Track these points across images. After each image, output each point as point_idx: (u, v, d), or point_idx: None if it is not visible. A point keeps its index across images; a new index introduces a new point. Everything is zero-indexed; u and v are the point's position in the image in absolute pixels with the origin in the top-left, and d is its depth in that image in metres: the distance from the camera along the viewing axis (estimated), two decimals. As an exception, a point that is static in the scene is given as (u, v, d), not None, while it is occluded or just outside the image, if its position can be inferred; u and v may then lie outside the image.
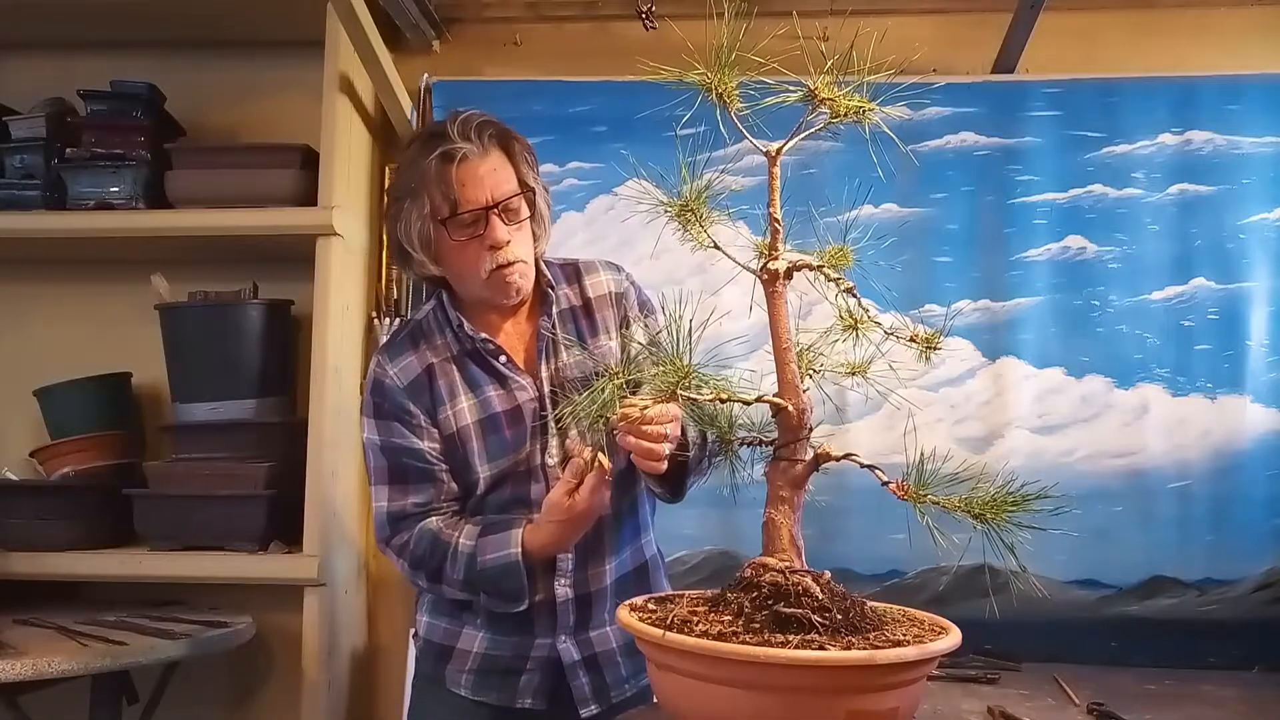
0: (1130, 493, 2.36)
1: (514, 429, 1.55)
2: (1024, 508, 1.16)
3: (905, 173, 2.32)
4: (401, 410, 1.56)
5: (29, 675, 1.77)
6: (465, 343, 1.58)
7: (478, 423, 1.55)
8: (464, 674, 1.59)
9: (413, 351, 1.59)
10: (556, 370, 1.58)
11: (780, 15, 1.40)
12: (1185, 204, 2.42)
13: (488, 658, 1.57)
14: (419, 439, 1.55)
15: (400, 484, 1.56)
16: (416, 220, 1.51)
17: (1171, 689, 2.00)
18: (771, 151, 1.27)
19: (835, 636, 1.09)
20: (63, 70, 2.59)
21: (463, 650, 1.59)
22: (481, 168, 1.49)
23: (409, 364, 1.58)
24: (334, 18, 2.28)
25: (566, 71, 2.57)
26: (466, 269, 1.53)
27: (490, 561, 1.47)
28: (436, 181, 1.48)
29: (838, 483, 2.15)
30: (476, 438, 1.55)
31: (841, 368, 1.39)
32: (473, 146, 1.49)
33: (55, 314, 2.65)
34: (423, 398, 1.56)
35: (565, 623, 1.56)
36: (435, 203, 1.49)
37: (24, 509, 2.28)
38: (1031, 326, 2.43)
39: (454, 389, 1.57)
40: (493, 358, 1.57)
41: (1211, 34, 2.54)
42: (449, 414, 1.56)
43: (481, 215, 1.49)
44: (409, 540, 1.54)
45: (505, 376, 1.57)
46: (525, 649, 1.56)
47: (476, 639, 1.58)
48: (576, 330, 1.62)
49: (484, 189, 1.48)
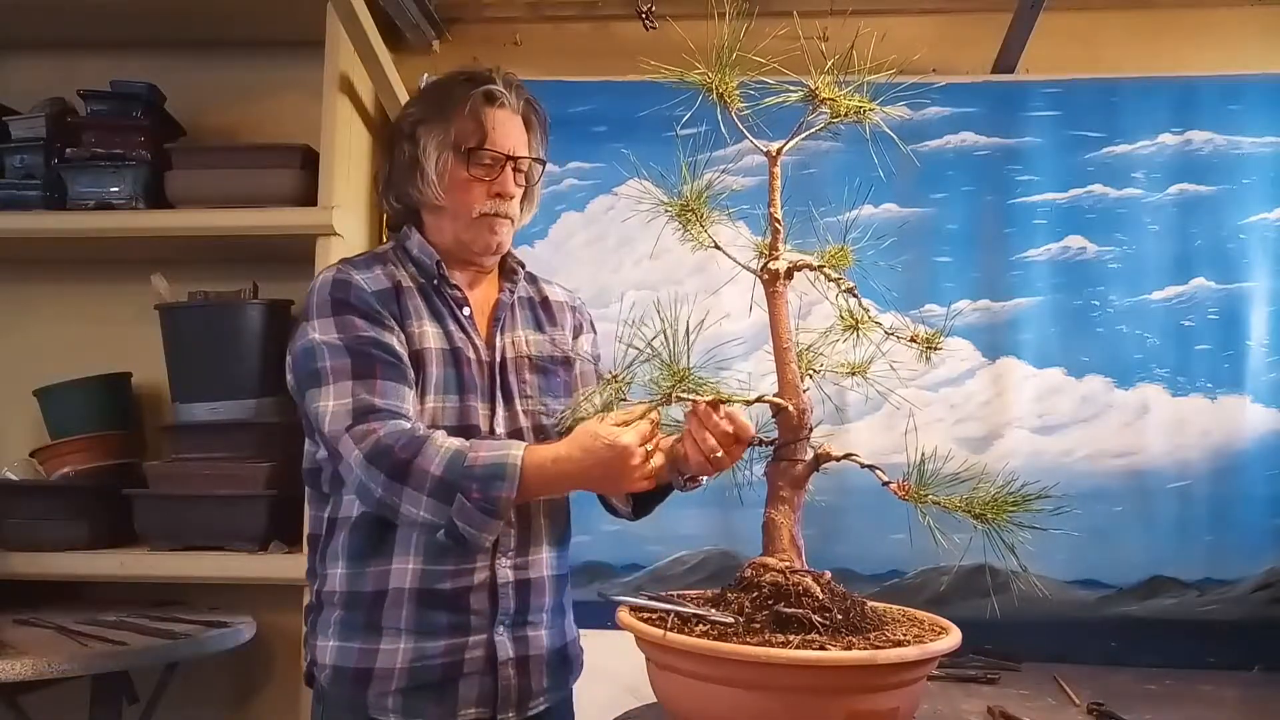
0: (1130, 493, 2.36)
1: (468, 372, 1.49)
2: (1024, 508, 1.16)
3: (905, 173, 2.31)
4: (370, 308, 1.44)
5: (29, 675, 1.77)
6: (430, 279, 1.53)
7: (439, 351, 1.48)
8: (390, 696, 1.40)
9: (379, 267, 1.51)
10: (512, 343, 1.55)
11: (781, 15, 1.40)
12: (1185, 204, 2.42)
13: (415, 671, 1.40)
14: (389, 337, 1.43)
15: (367, 379, 1.38)
16: (437, 146, 1.51)
17: (1171, 689, 2.01)
18: (772, 151, 1.28)
19: (836, 636, 1.09)
20: (63, 70, 2.59)
21: (384, 669, 1.40)
22: (510, 121, 1.54)
23: (376, 275, 1.49)
24: (334, 18, 2.28)
25: (566, 71, 2.57)
26: (464, 204, 1.52)
27: (483, 459, 1.32)
28: (472, 114, 1.50)
29: (838, 483, 2.15)
30: (436, 364, 1.46)
31: (841, 368, 1.39)
32: (511, 99, 1.54)
33: (55, 314, 2.65)
34: (390, 306, 1.46)
35: (505, 609, 1.45)
36: (463, 133, 1.50)
37: (24, 509, 2.29)
38: (1031, 326, 2.43)
39: (419, 311, 1.49)
40: (457, 306, 1.53)
41: (1211, 34, 2.54)
42: (415, 330, 1.47)
43: (500, 161, 1.52)
44: (377, 429, 1.34)
45: (465, 327, 1.52)
46: (459, 651, 1.42)
47: (398, 653, 1.41)
48: (534, 318, 1.62)
49: (509, 140, 1.53)
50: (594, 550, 2.34)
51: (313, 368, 1.42)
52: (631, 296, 2.45)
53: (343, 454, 1.37)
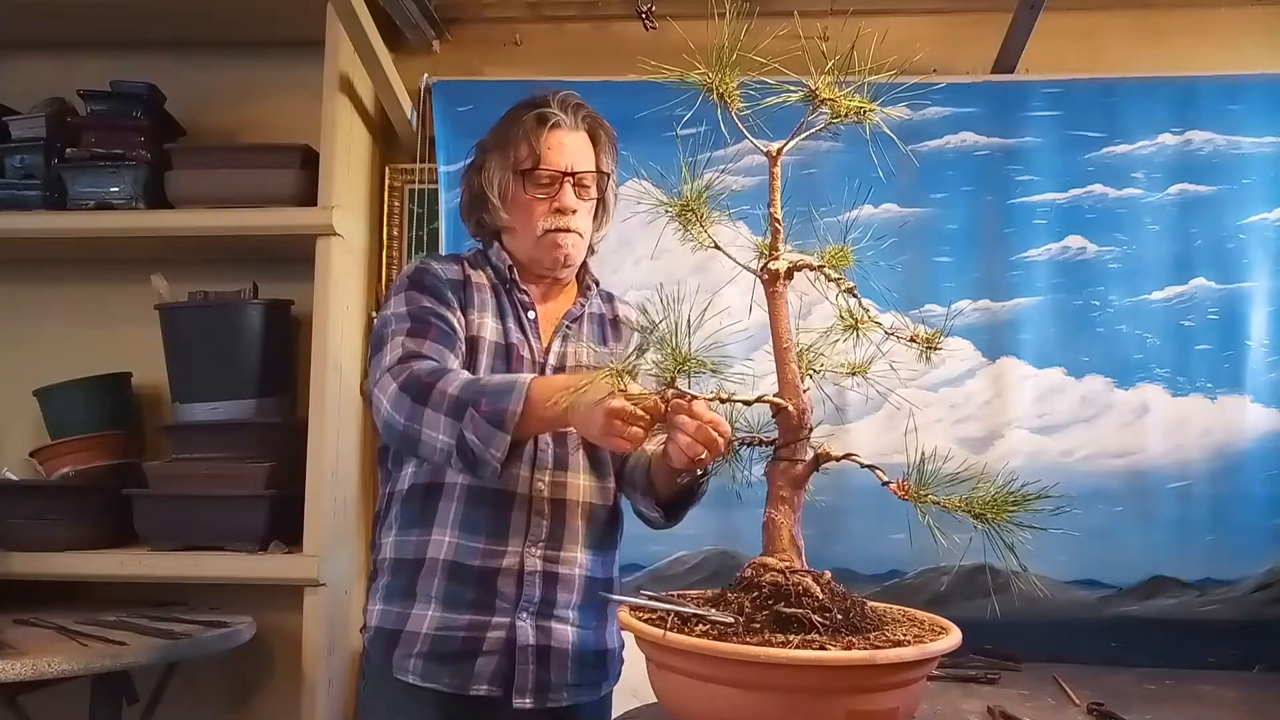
0: (1130, 493, 2.36)
1: (519, 369, 1.58)
2: (1024, 508, 1.16)
3: (905, 173, 2.32)
4: (441, 289, 1.58)
5: (29, 675, 1.76)
6: (503, 282, 1.65)
7: (493, 343, 1.59)
8: (412, 658, 1.51)
9: (456, 264, 1.65)
10: (574, 352, 1.64)
11: (781, 15, 1.40)
12: (1185, 204, 2.42)
13: (439, 639, 1.50)
14: (450, 313, 1.56)
15: (419, 336, 1.52)
16: (499, 170, 1.62)
17: (1171, 689, 2.00)
18: (772, 151, 1.28)
19: (835, 636, 1.09)
20: (63, 70, 2.59)
21: (411, 632, 1.52)
22: (568, 139, 1.62)
23: (452, 267, 1.64)
24: (334, 18, 2.28)
25: (566, 71, 2.56)
26: (528, 223, 1.61)
27: (496, 380, 1.43)
28: (526, 137, 1.60)
29: (838, 483, 2.15)
30: (487, 354, 1.57)
31: (841, 368, 1.39)
32: (566, 118, 1.62)
33: (55, 314, 2.65)
34: (459, 293, 1.60)
35: (530, 596, 1.52)
36: (520, 155, 1.61)
37: (24, 509, 2.28)
38: (1031, 326, 2.43)
39: (484, 305, 1.61)
40: (524, 310, 1.63)
41: (1211, 34, 2.54)
42: (475, 319, 1.59)
43: (557, 179, 1.60)
44: (414, 366, 1.47)
45: (526, 329, 1.62)
46: (480, 629, 1.50)
47: (426, 618, 1.51)
48: (601, 334, 1.70)
49: (566, 157, 1.60)
50: (594, 550, 2.34)
51: (380, 334, 1.56)
52: (632, 296, 2.45)
53: (377, 393, 1.48)
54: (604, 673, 1.62)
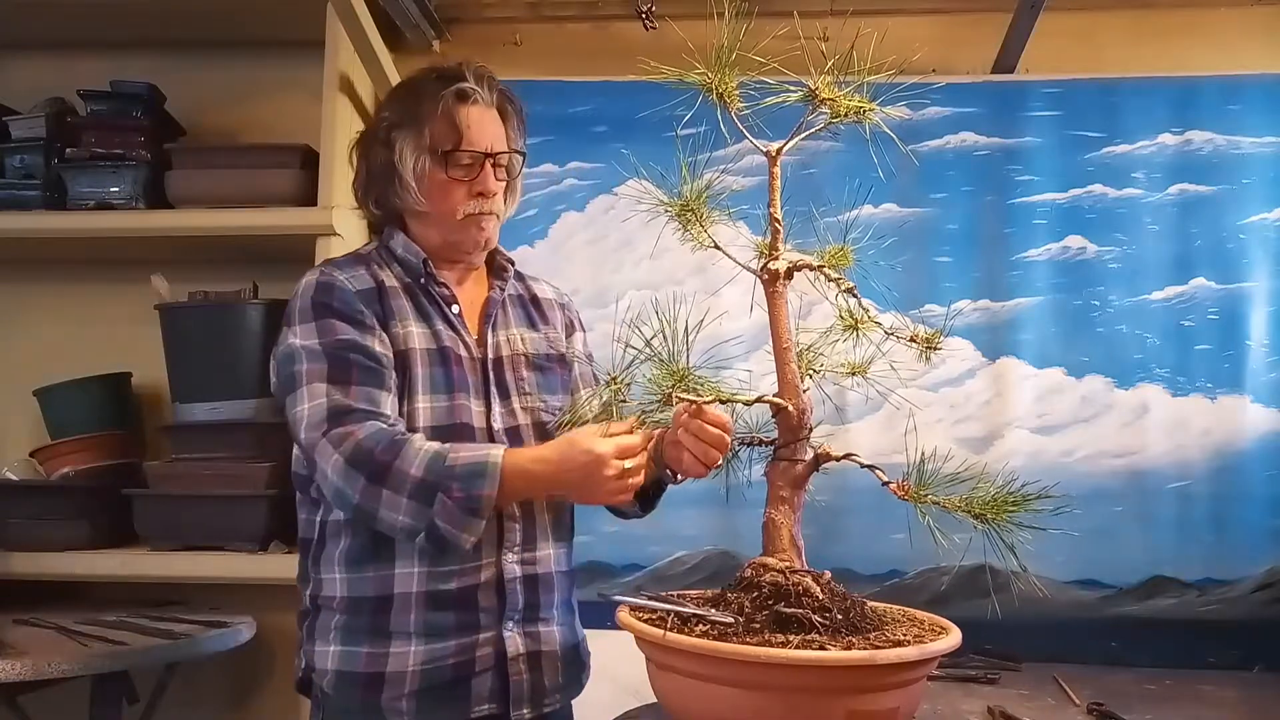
0: (1130, 493, 2.36)
1: (459, 370, 1.48)
2: (1024, 508, 1.16)
3: (905, 173, 2.31)
4: (353, 310, 1.43)
5: (29, 675, 1.76)
6: (416, 278, 1.52)
7: (425, 351, 1.46)
8: (404, 699, 1.39)
9: (362, 268, 1.50)
10: (507, 340, 1.55)
11: (781, 15, 1.40)
12: (1185, 204, 2.42)
13: (428, 673, 1.40)
14: (370, 339, 1.42)
15: (343, 383, 1.37)
16: (413, 151, 1.49)
17: (1171, 689, 2.00)
18: (772, 151, 1.28)
19: (835, 636, 1.10)
20: (63, 70, 2.59)
21: (396, 673, 1.39)
22: (486, 116, 1.51)
23: (360, 275, 1.48)
24: (334, 18, 2.28)
25: (566, 71, 2.57)
26: (447, 207, 1.50)
27: (464, 459, 1.32)
28: (445, 115, 1.48)
29: (838, 483, 2.15)
30: (422, 364, 1.45)
31: (841, 368, 1.39)
32: (484, 93, 1.51)
33: (55, 314, 2.65)
34: (374, 306, 1.45)
35: (514, 605, 1.45)
36: (438, 136, 1.48)
37: (24, 509, 2.28)
38: (1031, 326, 2.43)
39: (404, 312, 1.48)
40: (445, 304, 1.52)
41: (1211, 34, 2.54)
42: (400, 331, 1.46)
43: (478, 160, 1.50)
44: (355, 431, 1.33)
45: (454, 325, 1.51)
46: (469, 650, 1.42)
47: (410, 655, 1.40)
48: (526, 315, 1.61)
49: (486, 137, 1.50)
50: (594, 550, 2.34)
51: (290, 371, 1.42)
52: (632, 296, 2.45)
53: (319, 460, 1.35)
54: (581, 668, 1.57)
